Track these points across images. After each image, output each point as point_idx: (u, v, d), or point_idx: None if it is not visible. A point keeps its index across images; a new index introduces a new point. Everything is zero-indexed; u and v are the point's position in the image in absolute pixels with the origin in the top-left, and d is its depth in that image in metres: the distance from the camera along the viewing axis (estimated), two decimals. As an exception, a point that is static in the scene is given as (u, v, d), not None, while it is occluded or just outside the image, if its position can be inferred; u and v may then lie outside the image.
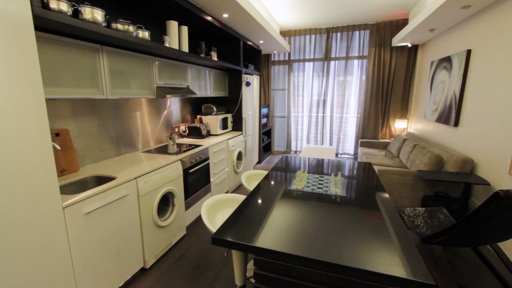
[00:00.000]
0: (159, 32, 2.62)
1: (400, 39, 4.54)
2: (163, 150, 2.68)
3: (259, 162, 5.34)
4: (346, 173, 2.04)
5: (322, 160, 2.53)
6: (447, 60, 3.62)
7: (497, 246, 1.98)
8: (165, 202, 2.34)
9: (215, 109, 3.64)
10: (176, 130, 3.27)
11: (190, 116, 3.62)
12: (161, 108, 2.96)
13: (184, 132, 3.38)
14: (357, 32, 5.35)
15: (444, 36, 3.79)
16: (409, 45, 4.92)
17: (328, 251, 0.95)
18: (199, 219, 2.94)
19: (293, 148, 6.37)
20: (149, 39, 2.00)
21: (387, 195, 1.56)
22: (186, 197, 2.57)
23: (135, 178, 1.88)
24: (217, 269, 2.11)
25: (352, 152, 5.94)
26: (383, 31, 5.12)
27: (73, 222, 1.46)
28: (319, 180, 1.79)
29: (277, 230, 1.12)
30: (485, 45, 2.77)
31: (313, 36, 5.60)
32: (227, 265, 2.16)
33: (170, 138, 2.54)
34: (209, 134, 3.57)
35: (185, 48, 2.53)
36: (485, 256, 1.86)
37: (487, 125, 2.66)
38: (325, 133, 6.00)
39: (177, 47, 2.41)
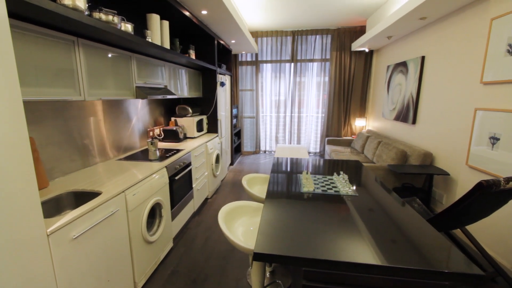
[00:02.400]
0: (138, 26, 2.35)
1: (360, 45, 4.93)
2: (142, 156, 2.42)
3: (231, 164, 5.23)
4: (343, 172, 2.12)
5: (315, 160, 2.58)
6: (403, 64, 4.05)
7: (464, 228, 2.28)
8: (151, 214, 2.11)
9: (190, 111, 3.44)
10: (151, 134, 2.99)
11: (163, 118, 3.34)
12: (131, 111, 2.66)
13: (159, 135, 3.11)
14: (320, 36, 5.63)
15: (400, 43, 4.24)
16: (367, 50, 5.38)
17: (375, 254, 0.97)
18: (184, 228, 2.74)
19: (262, 148, 6.42)
20: (132, 32, 1.78)
21: (394, 194, 1.66)
22: (172, 206, 2.37)
23: (123, 191, 1.65)
24: (216, 281, 1.99)
25: (318, 150, 6.24)
26: (343, 36, 5.49)
27: (60, 251, 1.20)
28: (324, 180, 1.81)
29: (316, 237, 1.09)
30: (437, 51, 3.18)
31: (279, 38, 5.71)
32: (225, 274, 2.06)
33: (151, 144, 2.30)
34: (185, 137, 3.35)
35: (167, 44, 2.32)
36: (456, 237, 2.12)
37: (442, 122, 3.06)
38: (293, 132, 6.19)
39: (159, 43, 2.19)
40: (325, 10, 4.35)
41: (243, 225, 1.50)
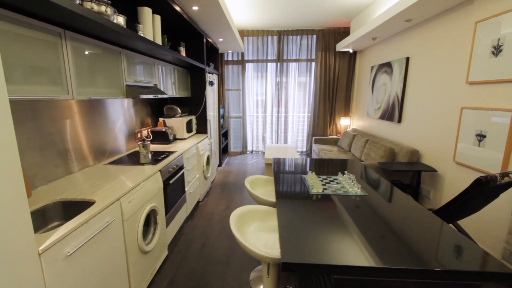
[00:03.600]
0: (128, 20, 2.18)
1: (345, 45, 5.04)
2: (131, 160, 2.26)
3: (219, 165, 5.12)
4: (347, 172, 2.12)
5: (314, 160, 2.57)
6: (388, 65, 4.18)
7: (456, 222, 2.38)
8: (146, 222, 1.97)
9: (179, 111, 3.29)
10: (139, 135, 2.81)
11: (150, 119, 3.17)
12: (117, 111, 2.47)
13: (147, 137, 2.94)
14: (305, 37, 5.68)
15: (384, 44, 4.37)
16: (351, 51, 5.51)
17: (405, 256, 0.95)
18: (178, 234, 2.61)
19: (249, 148, 6.35)
20: (125, 26, 1.63)
21: (401, 192, 1.67)
22: (166, 212, 2.23)
23: (118, 199, 1.51)
24: (218, 289, 1.90)
25: (304, 149, 6.30)
26: (327, 37, 5.58)
27: (53, 270, 1.06)
28: (330, 181, 1.79)
29: (340, 241, 1.05)
30: (422, 52, 3.31)
31: (265, 38, 5.68)
32: (227, 281, 1.97)
33: (143, 146, 2.16)
34: (175, 139, 3.20)
35: (158, 40, 2.18)
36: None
37: (428, 120, 3.19)
38: (280, 132, 6.19)
39: (151, 38, 2.04)
40: (310, 10, 4.38)
41: (256, 231, 1.43)
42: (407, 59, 3.63)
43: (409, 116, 3.62)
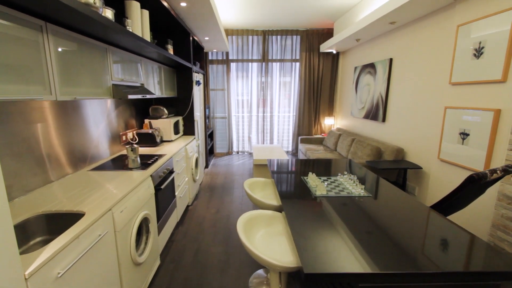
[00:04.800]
0: (115, 14, 2.01)
1: (329, 46, 5.12)
2: (117, 165, 2.10)
3: (206, 166, 4.99)
4: (347, 172, 2.12)
5: (309, 161, 2.55)
6: (371, 66, 4.30)
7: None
8: (137, 231, 1.84)
9: (166, 112, 3.14)
10: (124, 138, 2.64)
11: (135, 120, 2.99)
12: (99, 113, 2.28)
13: (133, 140, 2.77)
14: (290, 37, 5.70)
15: (367, 45, 4.49)
16: (334, 51, 5.61)
17: (428, 260, 0.95)
18: (169, 242, 2.48)
19: (235, 149, 6.27)
20: (113, 20, 1.50)
21: (404, 192, 1.69)
22: (158, 219, 2.11)
23: (110, 209, 1.38)
24: (217, 298, 1.82)
25: (290, 149, 6.33)
26: (311, 37, 5.64)
27: (42, 294, 0.93)
28: (331, 182, 1.78)
29: (358, 247, 1.03)
30: (405, 54, 3.43)
31: (250, 37, 5.62)
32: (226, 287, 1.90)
33: (132, 150, 2.01)
34: (161, 141, 3.05)
35: (147, 36, 2.04)
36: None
37: (412, 119, 3.31)
38: (266, 132, 6.17)
39: (140, 34, 1.91)
40: (294, 11, 4.40)
41: (263, 238, 1.37)
42: (391, 60, 3.75)
43: (393, 116, 3.74)
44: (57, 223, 1.31)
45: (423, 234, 1.17)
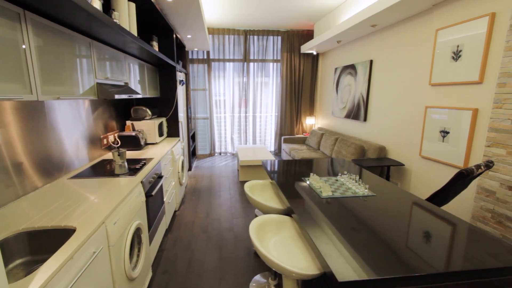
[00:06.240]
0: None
1: (310, 47, 5.20)
2: (102, 171, 1.92)
3: (189, 169, 4.81)
4: (347, 172, 2.13)
5: (303, 161, 2.54)
6: (352, 67, 4.44)
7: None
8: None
9: (149, 113, 2.96)
10: (105, 141, 2.43)
11: (115, 122, 2.77)
12: (76, 114, 2.06)
13: (114, 143, 2.56)
14: (271, 37, 5.71)
15: (347, 47, 4.63)
16: (315, 52, 5.72)
17: (453, 258, 0.97)
18: (160, 251, 2.32)
19: (217, 150, 6.14)
20: (101, 10, 1.35)
21: (406, 191, 1.73)
22: (149, 228, 1.96)
23: (103, 222, 1.24)
24: (218, 308, 1.73)
25: (273, 149, 6.34)
26: (292, 38, 5.70)
27: (36, 328, 0.80)
28: (333, 182, 1.77)
29: (383, 248, 1.02)
30: (385, 56, 3.58)
31: (231, 37, 5.54)
32: (226, 298, 1.81)
33: (119, 155, 1.85)
34: (146, 144, 2.87)
35: (134, 30, 1.88)
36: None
37: (394, 118, 3.46)
38: (248, 133, 6.12)
39: (127, 28, 1.75)
40: (275, 11, 4.40)
41: (276, 244, 1.31)
42: (371, 61, 3.89)
43: (374, 115, 3.89)
44: (40, 241, 1.15)
45: (435, 231, 1.19)
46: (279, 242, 1.31)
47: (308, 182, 1.77)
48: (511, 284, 0.93)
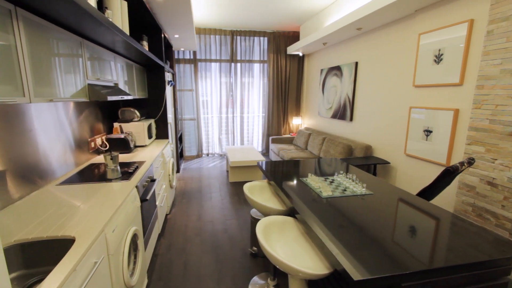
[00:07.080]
0: None
1: (296, 49, 5.27)
2: (92, 176, 1.84)
3: (178, 171, 4.71)
4: (343, 172, 2.18)
5: (298, 162, 2.57)
6: (337, 68, 4.56)
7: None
8: (124, 250, 1.63)
9: (138, 114, 2.86)
10: (92, 145, 2.32)
11: (102, 125, 2.65)
12: (62, 116, 1.95)
13: (102, 146, 2.46)
14: (258, 38, 5.72)
15: (333, 49, 4.75)
16: (301, 54, 5.81)
17: (454, 252, 1.02)
18: (154, 256, 2.26)
19: (204, 151, 6.06)
20: (96, 7, 1.29)
21: (402, 189, 1.80)
22: (143, 233, 1.90)
23: (103, 230, 1.19)
24: (218, 312, 1.71)
25: (261, 149, 6.36)
26: (278, 39, 5.75)
27: None
28: (330, 182, 1.81)
29: (393, 246, 1.06)
30: (370, 58, 3.71)
31: (218, 37, 5.49)
32: (226, 301, 1.80)
33: (111, 159, 1.78)
34: (135, 146, 2.78)
35: (126, 29, 1.81)
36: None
37: (379, 118, 3.60)
38: (236, 133, 6.10)
39: (120, 27, 1.68)
40: (262, 13, 4.43)
41: (282, 245, 1.32)
42: (356, 63, 4.02)
43: (360, 115, 4.01)
44: (35, 253, 1.08)
45: (438, 227, 1.26)
46: (284, 243, 1.32)
47: (307, 182, 1.80)
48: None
